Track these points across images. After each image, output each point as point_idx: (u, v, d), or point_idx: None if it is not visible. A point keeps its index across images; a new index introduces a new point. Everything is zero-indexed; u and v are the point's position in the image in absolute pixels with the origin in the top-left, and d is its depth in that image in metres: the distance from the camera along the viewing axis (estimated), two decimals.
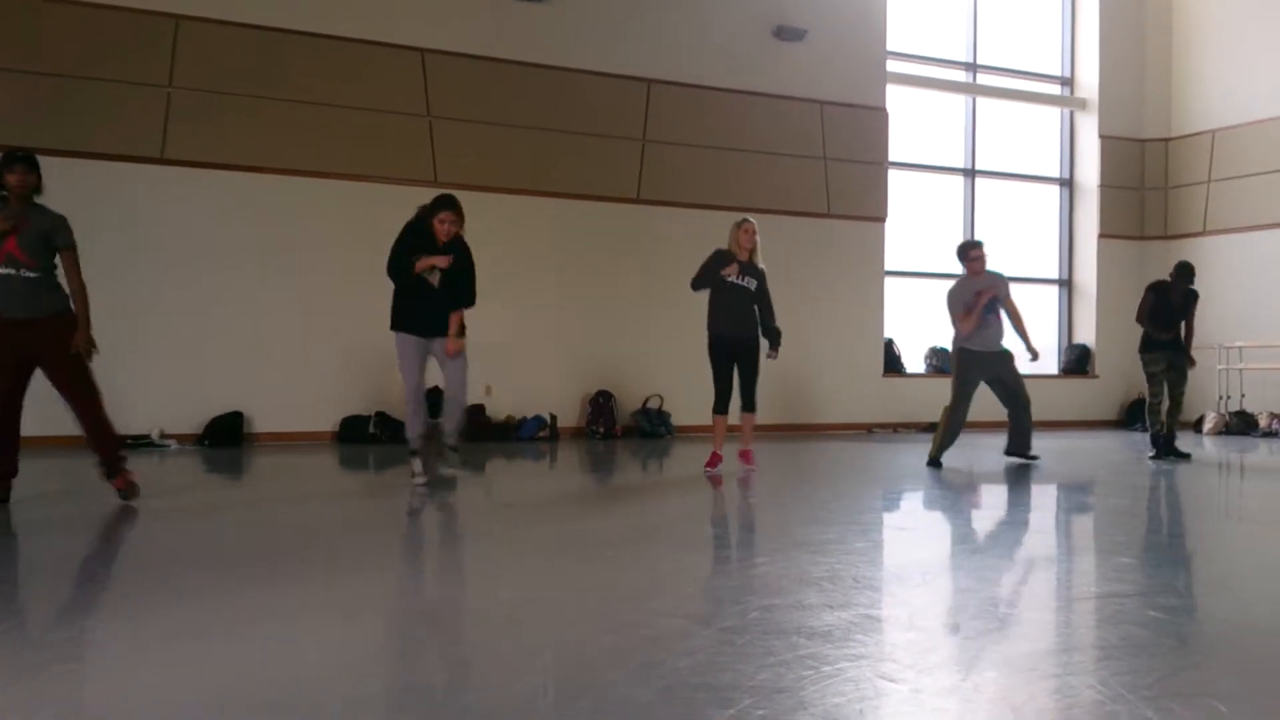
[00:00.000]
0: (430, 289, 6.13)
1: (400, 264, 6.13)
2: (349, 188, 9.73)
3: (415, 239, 6.15)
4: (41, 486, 5.89)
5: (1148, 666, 2.54)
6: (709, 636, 2.78)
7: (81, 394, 5.25)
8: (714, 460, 7.14)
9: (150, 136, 9.12)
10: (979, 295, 7.67)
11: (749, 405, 7.15)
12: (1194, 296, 8.59)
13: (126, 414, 8.99)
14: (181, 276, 9.16)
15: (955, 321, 7.78)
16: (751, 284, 7.00)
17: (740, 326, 7.02)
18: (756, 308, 7.05)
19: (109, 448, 5.34)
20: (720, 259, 7.01)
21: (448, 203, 6.17)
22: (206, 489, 6.58)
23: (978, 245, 7.91)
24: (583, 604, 3.26)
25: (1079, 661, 2.65)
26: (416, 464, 6.25)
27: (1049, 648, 2.83)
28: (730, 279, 6.93)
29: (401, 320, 6.18)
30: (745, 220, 7.15)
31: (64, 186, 8.83)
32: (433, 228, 6.13)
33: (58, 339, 5.14)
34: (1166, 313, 8.50)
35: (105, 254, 9.19)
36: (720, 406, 7.11)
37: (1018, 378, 7.86)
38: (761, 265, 7.11)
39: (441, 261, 6.10)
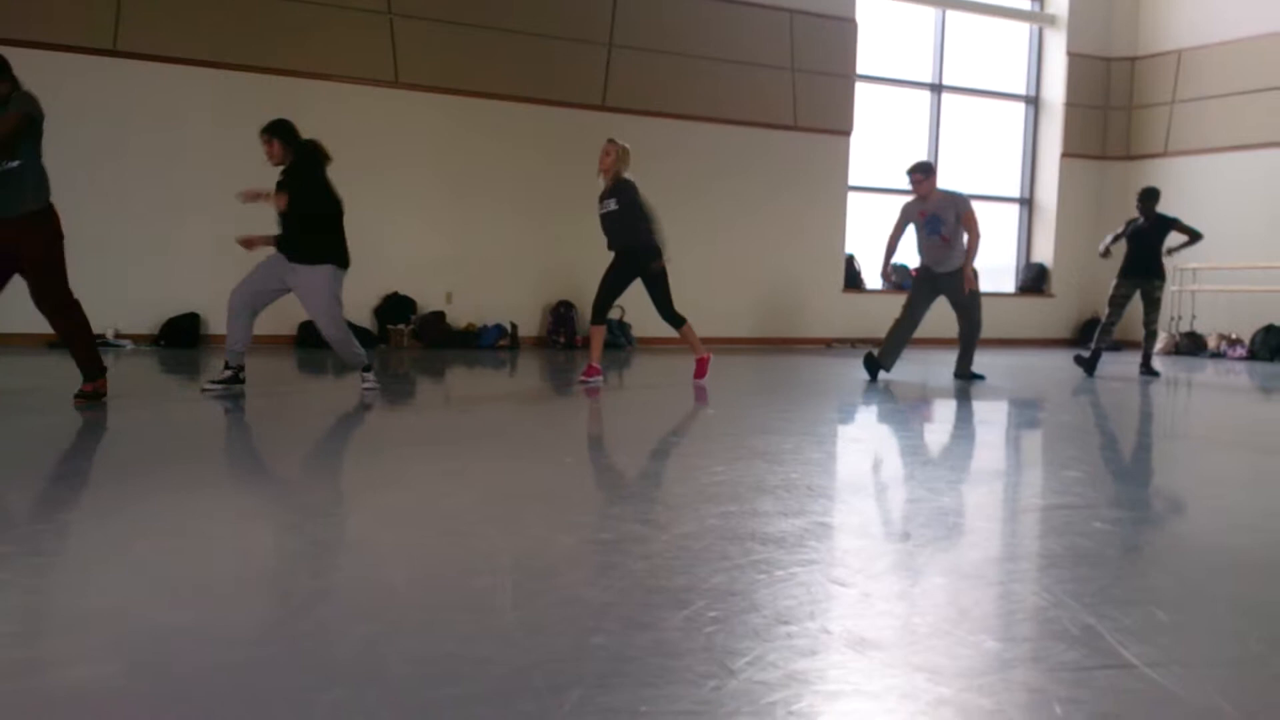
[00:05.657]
0: None
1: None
2: (306, 86, 9.44)
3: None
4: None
5: (1090, 575, 2.61)
6: (666, 541, 2.82)
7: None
8: (591, 371, 7.03)
9: (102, 27, 8.76)
10: (921, 215, 7.74)
11: (673, 322, 7.12)
12: (1168, 221, 8.82)
13: None
14: (135, 175, 8.91)
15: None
16: (610, 205, 6.93)
17: (615, 242, 6.99)
18: (628, 222, 6.91)
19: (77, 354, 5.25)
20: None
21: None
22: (159, 388, 6.50)
23: (917, 170, 7.85)
24: (539, 509, 3.28)
25: (1024, 570, 2.73)
26: (225, 374, 6.00)
27: (996, 556, 2.90)
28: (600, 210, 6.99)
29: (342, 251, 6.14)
30: (606, 141, 7.03)
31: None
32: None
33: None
34: (1137, 242, 8.75)
35: (54, 152, 8.89)
36: (597, 318, 7.07)
37: (965, 299, 7.91)
38: (627, 176, 6.93)
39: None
